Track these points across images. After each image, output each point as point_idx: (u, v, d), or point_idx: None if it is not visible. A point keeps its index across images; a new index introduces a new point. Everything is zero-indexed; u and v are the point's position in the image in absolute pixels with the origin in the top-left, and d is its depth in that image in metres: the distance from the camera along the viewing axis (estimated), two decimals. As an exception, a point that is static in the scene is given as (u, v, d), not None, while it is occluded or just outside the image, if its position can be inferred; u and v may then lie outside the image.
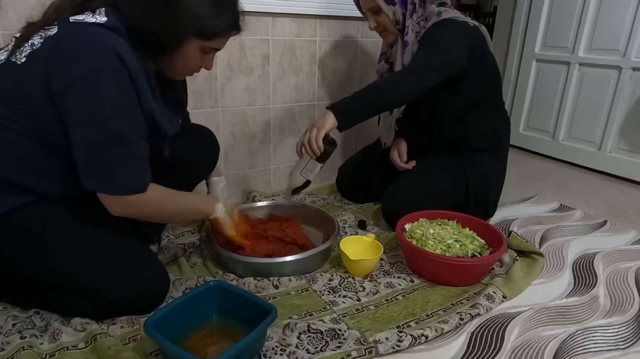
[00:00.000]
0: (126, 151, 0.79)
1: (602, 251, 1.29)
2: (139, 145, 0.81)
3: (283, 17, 1.54)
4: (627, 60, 1.91)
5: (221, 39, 0.87)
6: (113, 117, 0.75)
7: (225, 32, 0.86)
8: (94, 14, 0.78)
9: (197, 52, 0.86)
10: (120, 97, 0.76)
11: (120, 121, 0.76)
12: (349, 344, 0.84)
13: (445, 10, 1.27)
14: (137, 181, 0.82)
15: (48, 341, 0.82)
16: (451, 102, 1.31)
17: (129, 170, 0.80)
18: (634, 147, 1.94)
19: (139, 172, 0.82)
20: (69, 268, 0.85)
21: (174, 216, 0.99)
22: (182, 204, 0.97)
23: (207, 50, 0.87)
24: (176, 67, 0.87)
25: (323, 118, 1.13)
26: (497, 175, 1.42)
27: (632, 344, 0.90)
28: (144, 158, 0.83)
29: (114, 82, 0.74)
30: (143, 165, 0.83)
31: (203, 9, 0.80)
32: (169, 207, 0.93)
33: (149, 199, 0.85)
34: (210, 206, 1.02)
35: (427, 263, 1.10)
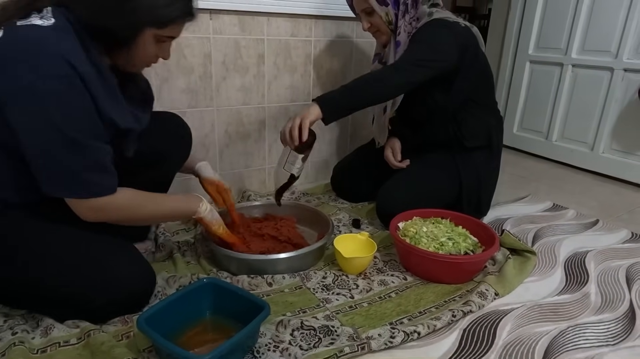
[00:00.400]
0: (82, 156, 0.77)
1: (594, 250, 1.30)
2: (97, 149, 0.79)
3: (278, 17, 1.55)
4: (619, 62, 1.92)
5: (176, 26, 0.85)
6: (64, 123, 0.73)
7: (180, 18, 0.83)
8: (41, 15, 0.75)
9: (152, 41, 0.83)
10: (71, 103, 0.73)
11: (73, 127, 0.74)
12: (341, 340, 0.85)
13: (437, 11, 1.28)
14: (98, 185, 0.80)
15: (40, 335, 0.82)
16: (444, 101, 1.32)
17: (87, 174, 0.78)
18: (626, 147, 1.95)
19: (99, 175, 0.80)
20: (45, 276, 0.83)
21: (153, 219, 0.97)
22: (159, 207, 0.94)
23: (163, 39, 0.85)
24: (135, 59, 0.84)
25: (308, 109, 1.12)
26: (490, 174, 1.43)
27: (622, 340, 0.91)
28: (104, 162, 0.81)
29: (64, 89, 0.72)
30: (103, 169, 0.81)
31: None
32: (145, 211, 0.91)
33: (119, 203, 0.84)
34: (192, 207, 1.00)
35: (420, 261, 1.10)
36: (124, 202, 0.86)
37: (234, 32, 1.48)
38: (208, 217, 1.03)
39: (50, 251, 0.84)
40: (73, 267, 0.83)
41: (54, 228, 0.85)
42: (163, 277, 1.04)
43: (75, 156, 0.76)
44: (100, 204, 0.82)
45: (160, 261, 1.15)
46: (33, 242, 0.84)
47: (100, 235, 0.89)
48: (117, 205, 0.84)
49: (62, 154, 0.75)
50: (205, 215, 1.02)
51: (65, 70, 0.71)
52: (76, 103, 0.74)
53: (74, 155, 0.76)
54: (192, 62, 1.44)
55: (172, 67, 1.41)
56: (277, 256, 1.09)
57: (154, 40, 0.83)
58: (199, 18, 1.36)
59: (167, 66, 1.40)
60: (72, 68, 0.72)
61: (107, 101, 0.80)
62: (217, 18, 1.44)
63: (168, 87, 1.42)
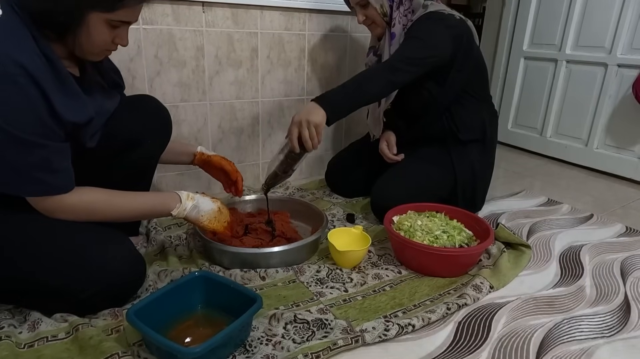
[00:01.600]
0: (29, 155, 0.75)
1: (589, 244, 1.30)
2: (45, 147, 0.76)
3: (272, 10, 1.53)
4: (612, 57, 1.93)
5: (128, 10, 0.79)
6: (7, 123, 0.71)
7: (130, 1, 0.78)
8: None
9: (104, 26, 0.78)
10: (16, 102, 0.71)
11: (17, 126, 0.71)
12: (335, 333, 0.84)
13: (432, 3, 1.28)
14: (47, 184, 0.78)
15: (27, 330, 0.80)
16: (438, 93, 1.31)
17: (36, 173, 0.76)
18: (619, 143, 1.96)
19: (49, 174, 0.78)
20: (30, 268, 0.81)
21: (122, 219, 0.92)
22: (129, 206, 0.91)
23: (116, 23, 0.79)
24: (84, 45, 0.79)
25: (314, 113, 1.10)
26: (485, 168, 1.42)
27: (617, 332, 0.91)
28: (55, 160, 0.78)
29: (7, 88, 0.70)
30: (53, 167, 0.78)
31: None
32: (112, 210, 0.88)
33: (76, 203, 0.82)
34: (168, 206, 0.95)
35: (414, 254, 1.09)
36: (84, 202, 0.84)
37: (227, 26, 1.47)
38: (192, 214, 0.99)
39: (34, 242, 0.82)
40: (58, 257, 0.81)
41: (38, 218, 0.83)
42: (154, 271, 1.03)
43: (22, 155, 0.74)
44: (56, 204, 0.80)
45: (152, 255, 1.13)
46: (16, 234, 0.82)
47: (91, 225, 0.87)
48: (73, 204, 0.82)
49: (9, 153, 0.73)
50: (188, 213, 0.98)
51: (10, 69, 0.69)
52: (21, 103, 0.71)
53: (20, 154, 0.74)
54: (184, 55, 1.42)
55: (164, 61, 1.39)
56: (271, 249, 1.08)
57: (107, 25, 0.78)
58: (191, 10, 1.37)
59: (159, 59, 1.38)
60: (19, 67, 0.69)
61: (60, 95, 0.76)
62: (209, 11, 1.42)
63: (160, 81, 1.41)
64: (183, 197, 0.97)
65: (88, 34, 0.78)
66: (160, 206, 0.95)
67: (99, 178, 0.89)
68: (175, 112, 1.45)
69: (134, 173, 1.05)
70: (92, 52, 0.83)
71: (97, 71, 0.93)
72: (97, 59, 0.87)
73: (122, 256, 0.87)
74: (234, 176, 1.21)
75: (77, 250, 0.83)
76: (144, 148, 1.03)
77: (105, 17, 0.77)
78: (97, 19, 0.76)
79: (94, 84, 0.90)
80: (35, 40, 0.73)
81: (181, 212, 0.97)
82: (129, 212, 0.92)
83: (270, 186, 1.22)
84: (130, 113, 0.99)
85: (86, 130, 0.85)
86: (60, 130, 0.78)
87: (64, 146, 0.80)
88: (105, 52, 0.86)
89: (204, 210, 1.01)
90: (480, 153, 1.39)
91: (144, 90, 1.38)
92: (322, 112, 1.11)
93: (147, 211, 0.96)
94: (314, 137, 1.09)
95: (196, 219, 1.00)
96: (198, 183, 1.57)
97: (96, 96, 0.89)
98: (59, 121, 0.77)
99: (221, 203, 1.06)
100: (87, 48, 0.81)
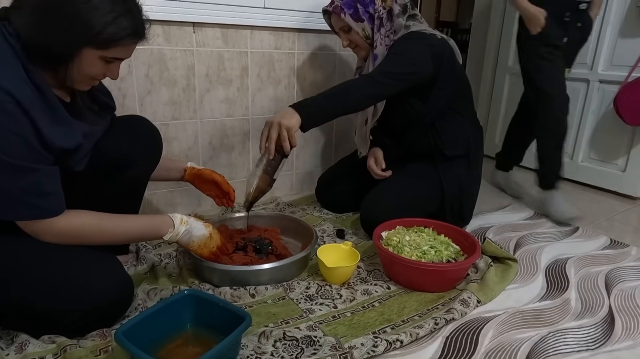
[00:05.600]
0: (18, 179, 0.75)
1: (574, 257, 1.32)
2: (34, 171, 0.76)
3: (261, 30, 1.57)
4: (594, 74, 1.99)
5: (122, 48, 0.80)
6: None
7: (124, 39, 0.79)
8: None
9: (97, 61, 0.80)
10: (6, 129, 0.71)
11: (5, 152, 0.72)
12: (324, 350, 0.84)
13: (414, 23, 1.32)
14: (37, 207, 0.78)
15: (15, 352, 0.80)
16: (422, 110, 1.34)
17: (25, 197, 0.76)
18: (603, 156, 2.00)
19: (38, 199, 0.78)
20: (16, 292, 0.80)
21: (113, 242, 0.92)
22: (121, 229, 0.91)
23: (110, 59, 0.81)
24: (74, 77, 0.80)
25: (289, 116, 1.11)
26: (472, 182, 1.45)
27: (602, 344, 0.92)
28: (44, 184, 0.79)
29: None
30: (42, 191, 0.78)
31: (95, 16, 0.74)
32: (105, 233, 0.88)
33: (76, 227, 0.83)
34: (161, 230, 0.95)
35: (403, 270, 1.11)
36: (73, 226, 0.84)
37: (218, 45, 1.49)
38: (184, 239, 0.99)
39: (19, 265, 0.82)
40: (43, 280, 0.81)
41: (23, 242, 0.82)
42: (144, 290, 1.03)
43: (12, 179, 0.74)
44: (45, 227, 0.80)
45: (141, 274, 1.13)
46: (3, 257, 0.81)
47: (77, 246, 0.87)
48: (63, 228, 0.82)
49: (2, 182, 0.74)
50: (180, 238, 0.98)
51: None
52: (9, 129, 0.71)
53: (10, 179, 0.74)
54: (175, 74, 1.44)
55: (155, 80, 1.41)
56: (260, 267, 1.08)
57: (101, 60, 0.80)
58: (182, 30, 1.40)
59: (150, 79, 1.40)
60: (7, 94, 0.70)
61: (49, 123, 0.77)
62: (200, 31, 1.45)
63: (151, 99, 1.42)
64: (176, 221, 0.97)
65: (80, 67, 0.79)
66: (151, 230, 0.95)
67: (88, 199, 0.90)
68: (165, 130, 1.46)
69: (123, 192, 1.05)
70: (82, 82, 0.84)
71: (88, 95, 0.93)
72: (85, 89, 0.87)
73: (108, 278, 0.87)
74: (225, 187, 1.23)
75: (62, 273, 0.83)
76: (134, 169, 1.03)
77: (99, 54, 0.79)
78: (91, 54, 0.78)
79: (84, 109, 0.91)
80: (25, 69, 0.74)
81: (174, 237, 0.96)
82: (118, 236, 0.92)
83: (252, 202, 1.21)
84: (121, 134, 1.00)
85: (75, 155, 0.85)
86: (49, 155, 0.79)
87: (54, 169, 0.81)
88: (94, 82, 0.87)
89: (196, 236, 1.01)
90: (467, 168, 1.42)
91: (135, 109, 1.40)
92: (297, 117, 1.12)
93: (138, 236, 0.96)
94: (286, 139, 1.10)
95: (187, 243, 1.01)
96: (188, 200, 1.58)
97: (86, 120, 0.89)
98: (48, 147, 0.77)
99: (213, 228, 1.06)
100: (77, 79, 0.82)
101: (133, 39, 0.81)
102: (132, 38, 0.81)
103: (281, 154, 1.14)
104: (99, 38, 0.76)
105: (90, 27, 0.74)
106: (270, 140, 1.12)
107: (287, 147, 1.11)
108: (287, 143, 1.11)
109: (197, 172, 1.22)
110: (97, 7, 0.74)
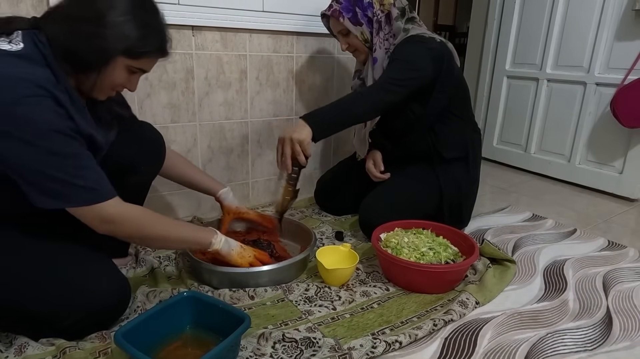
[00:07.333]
0: (67, 165, 0.76)
1: (572, 258, 1.33)
2: (79, 155, 0.79)
3: (260, 34, 1.57)
4: (591, 76, 2.00)
5: (149, 60, 0.86)
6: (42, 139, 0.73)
7: (152, 54, 0.85)
8: (10, 38, 0.76)
9: (123, 71, 0.84)
10: (46, 119, 0.73)
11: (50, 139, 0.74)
12: (323, 352, 0.85)
13: (413, 27, 1.32)
14: (92, 189, 0.79)
15: (14, 354, 0.80)
16: (421, 113, 1.35)
17: (77, 181, 0.77)
18: (600, 158, 2.01)
19: (92, 180, 0.79)
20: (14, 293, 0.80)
21: (164, 241, 0.94)
22: (172, 230, 0.94)
23: (134, 69, 0.86)
24: (101, 85, 0.84)
25: (299, 130, 1.15)
26: (470, 184, 1.46)
27: (599, 345, 0.93)
28: (91, 165, 0.80)
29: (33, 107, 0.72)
30: (92, 172, 0.80)
31: (131, 27, 0.79)
32: (156, 230, 0.89)
33: (129, 216, 0.84)
34: (207, 237, 0.98)
35: (401, 271, 1.11)
36: (134, 216, 0.85)
37: (217, 48, 1.50)
38: (225, 249, 1.01)
39: (17, 267, 0.82)
40: (40, 283, 0.81)
41: (24, 244, 0.83)
42: (143, 292, 1.03)
43: (62, 166, 0.76)
44: (109, 213, 0.80)
45: (140, 276, 1.13)
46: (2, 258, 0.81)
47: (74, 249, 0.87)
48: (126, 217, 0.83)
49: (47, 167, 0.75)
50: (221, 247, 1.00)
51: (35, 90, 0.72)
52: (49, 119, 0.74)
53: (60, 166, 0.76)
54: (174, 77, 1.45)
55: (155, 83, 1.42)
56: (259, 269, 1.09)
57: (125, 69, 0.84)
58: (181, 33, 1.40)
59: (149, 82, 1.40)
60: (42, 89, 0.72)
61: (79, 117, 0.80)
62: (199, 34, 1.45)
63: (150, 102, 1.43)
64: (218, 232, 1.01)
65: (109, 75, 0.82)
66: (200, 236, 0.98)
67: None
68: (165, 132, 1.46)
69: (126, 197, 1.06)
70: (105, 92, 0.87)
71: (102, 104, 0.95)
72: (103, 98, 0.90)
73: (105, 282, 0.87)
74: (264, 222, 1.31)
75: (59, 275, 0.83)
76: (138, 174, 1.06)
77: (127, 63, 0.83)
78: (120, 63, 0.82)
79: (100, 117, 0.93)
80: (54, 74, 0.77)
81: (217, 244, 0.99)
82: (172, 235, 0.93)
83: (282, 213, 1.31)
84: (126, 139, 1.02)
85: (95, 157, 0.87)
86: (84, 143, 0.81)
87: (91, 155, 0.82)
88: (112, 93, 0.90)
89: (232, 246, 1.04)
90: (465, 170, 1.42)
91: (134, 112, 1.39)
92: (308, 129, 1.15)
93: (188, 239, 0.98)
94: (300, 153, 1.14)
95: (227, 253, 1.03)
96: (188, 203, 1.58)
97: (102, 128, 0.92)
98: (80, 135, 0.80)
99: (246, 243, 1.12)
100: (99, 87, 0.85)
101: (162, 52, 0.87)
102: (161, 51, 0.87)
103: (298, 166, 1.18)
104: (133, 48, 0.81)
105: (127, 37, 0.79)
106: (285, 156, 1.15)
107: (302, 160, 1.15)
108: (301, 156, 1.14)
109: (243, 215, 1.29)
110: (134, 19, 0.80)
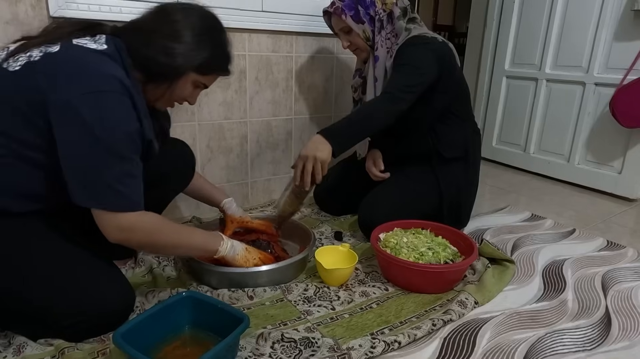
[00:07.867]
0: (119, 168, 0.78)
1: (571, 258, 1.33)
2: (133, 162, 0.81)
3: (259, 34, 1.57)
4: (590, 76, 2.00)
5: (214, 76, 0.92)
6: (107, 135, 0.75)
7: (219, 70, 0.91)
8: (94, 39, 0.81)
9: (190, 85, 0.89)
10: (117, 116, 0.76)
11: (115, 139, 0.76)
12: (322, 352, 0.85)
13: (415, 27, 1.32)
14: (127, 198, 0.80)
15: (12, 354, 0.80)
16: (422, 113, 1.35)
17: (120, 187, 0.78)
18: (599, 158, 2.01)
19: (130, 190, 0.80)
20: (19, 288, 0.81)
21: (175, 248, 0.95)
22: (183, 237, 0.94)
23: (199, 84, 0.90)
24: (170, 97, 0.89)
25: (322, 148, 1.13)
26: (469, 185, 1.46)
27: (598, 345, 0.93)
28: (137, 176, 0.82)
29: (113, 104, 0.76)
30: (135, 183, 0.81)
31: (208, 46, 0.85)
32: (168, 238, 0.90)
33: (146, 225, 0.84)
34: (215, 244, 0.99)
35: (400, 271, 1.11)
36: (151, 225, 0.85)
37: (216, 48, 1.50)
38: (230, 254, 1.01)
39: (29, 261, 0.82)
40: (48, 279, 0.82)
41: (38, 242, 0.83)
42: (142, 292, 1.03)
43: (113, 168, 0.77)
44: (129, 222, 0.81)
45: (140, 276, 1.13)
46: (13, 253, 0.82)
47: (83, 252, 0.88)
48: (144, 225, 0.84)
49: (101, 165, 0.76)
50: (227, 253, 1.00)
51: (116, 86, 0.75)
52: (122, 117, 0.77)
53: (112, 167, 0.77)
54: (173, 77, 1.45)
55: (153, 82, 1.41)
56: (258, 269, 1.08)
57: (192, 84, 0.89)
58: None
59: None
60: (121, 85, 0.76)
61: (146, 120, 0.83)
62: (198, 34, 1.45)
63: (149, 102, 1.42)
64: (225, 237, 1.02)
65: (177, 87, 0.88)
66: (209, 244, 0.98)
67: None
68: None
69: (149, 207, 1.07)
70: (167, 102, 0.91)
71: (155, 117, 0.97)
72: (163, 109, 0.94)
73: (113, 288, 0.88)
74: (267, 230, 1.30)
75: (68, 275, 0.84)
76: (164, 188, 1.10)
77: (196, 78, 0.88)
78: (190, 77, 0.87)
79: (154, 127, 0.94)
80: (129, 77, 0.80)
81: (223, 250, 1.00)
82: (182, 243, 0.94)
83: (281, 223, 1.30)
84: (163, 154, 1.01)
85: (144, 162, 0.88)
86: (140, 150, 0.83)
87: (141, 165, 0.84)
88: (172, 105, 0.94)
89: (237, 251, 1.04)
90: (465, 170, 1.42)
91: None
92: (329, 147, 1.14)
93: (197, 246, 0.98)
94: (319, 172, 1.13)
95: (233, 258, 1.03)
96: (187, 203, 1.58)
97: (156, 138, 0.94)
98: (143, 140, 0.83)
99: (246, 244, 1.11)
100: (167, 98, 0.89)
101: (227, 70, 0.93)
102: (227, 69, 0.93)
103: (313, 183, 1.17)
104: (205, 64, 0.86)
105: (201, 55, 0.85)
106: (306, 173, 1.13)
107: (319, 179, 1.15)
108: (320, 175, 1.14)
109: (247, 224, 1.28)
110: (209, 39, 0.86)
